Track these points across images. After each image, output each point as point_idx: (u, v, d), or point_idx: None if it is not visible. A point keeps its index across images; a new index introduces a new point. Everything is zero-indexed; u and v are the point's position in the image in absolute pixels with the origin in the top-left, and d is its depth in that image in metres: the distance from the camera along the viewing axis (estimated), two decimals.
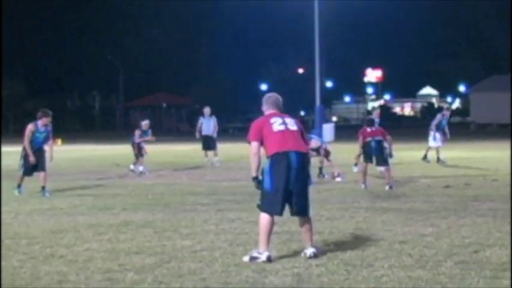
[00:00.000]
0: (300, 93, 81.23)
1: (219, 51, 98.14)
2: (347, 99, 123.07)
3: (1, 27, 72.70)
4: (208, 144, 23.92)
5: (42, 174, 14.79)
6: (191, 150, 30.69)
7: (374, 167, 16.16)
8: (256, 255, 7.76)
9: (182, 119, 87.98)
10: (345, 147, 27.28)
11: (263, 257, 7.70)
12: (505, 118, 66.41)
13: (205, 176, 19.37)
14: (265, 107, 8.38)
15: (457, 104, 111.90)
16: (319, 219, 10.15)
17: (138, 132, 20.89)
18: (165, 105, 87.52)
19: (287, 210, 8.01)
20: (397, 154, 18.22)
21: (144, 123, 21.24)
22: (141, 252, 8.31)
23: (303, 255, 7.91)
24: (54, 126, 15.45)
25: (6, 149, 29.08)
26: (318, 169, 17.71)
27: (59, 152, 21.71)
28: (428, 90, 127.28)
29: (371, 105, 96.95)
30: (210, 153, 23.84)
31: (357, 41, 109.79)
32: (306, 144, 8.27)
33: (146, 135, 21.06)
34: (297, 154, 7.93)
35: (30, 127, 14.77)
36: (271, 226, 7.91)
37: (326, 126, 41.11)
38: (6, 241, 9.15)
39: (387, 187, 14.96)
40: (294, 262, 7.65)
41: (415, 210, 11.58)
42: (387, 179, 15.25)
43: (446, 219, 10.53)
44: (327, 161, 17.94)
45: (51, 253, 8.40)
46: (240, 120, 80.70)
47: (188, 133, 52.07)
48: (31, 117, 16.13)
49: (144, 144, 20.82)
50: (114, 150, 34.93)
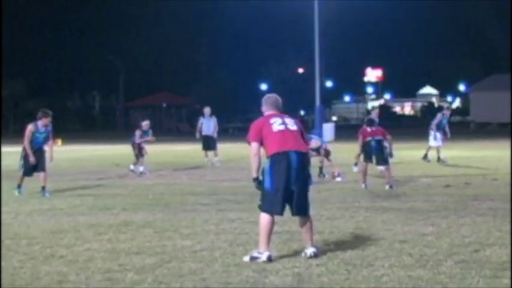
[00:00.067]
0: (300, 93, 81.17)
1: (219, 51, 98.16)
2: (347, 98, 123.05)
3: (1, 27, 72.70)
4: (209, 144, 23.90)
5: (42, 174, 14.78)
6: (191, 150, 30.69)
7: (374, 167, 16.16)
8: (256, 255, 7.76)
9: (182, 119, 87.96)
10: (344, 147, 27.29)
11: (263, 257, 7.70)
12: (505, 117, 66.45)
13: (206, 176, 19.37)
14: (265, 107, 8.38)
15: (457, 103, 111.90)
16: (319, 219, 10.15)
17: (138, 133, 20.88)
18: (165, 105, 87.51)
19: (287, 210, 8.01)
20: (397, 153, 18.22)
21: (145, 124, 21.23)
22: (142, 252, 8.31)
23: (303, 254, 7.91)
24: (54, 126, 15.44)
25: (6, 149, 29.08)
26: (318, 169, 17.71)
27: (59, 152, 21.72)
28: (428, 89, 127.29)
29: (371, 105, 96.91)
30: (210, 153, 23.82)
31: (356, 41, 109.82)
32: (306, 144, 8.27)
33: (147, 135, 21.05)
34: (297, 154, 7.93)
35: (30, 127, 14.76)
36: (272, 226, 7.91)
37: (326, 126, 41.15)
38: (6, 241, 9.15)
39: (387, 186, 14.96)
40: (294, 262, 7.65)
41: (415, 210, 11.58)
42: (387, 178, 15.25)
43: (446, 218, 10.54)
44: (327, 161, 17.95)
45: (51, 253, 8.40)
46: (240, 120, 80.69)
47: (188, 133, 52.07)
48: (31, 117, 16.13)
49: (144, 144, 20.82)
50: (114, 150, 34.93)
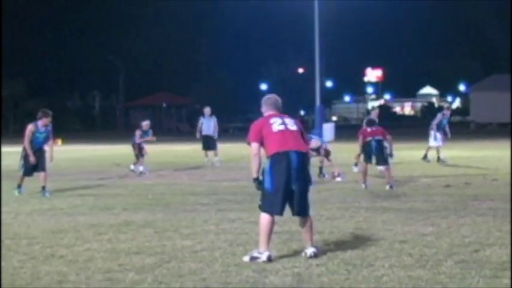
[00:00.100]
0: (300, 93, 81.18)
1: (219, 51, 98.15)
2: (347, 98, 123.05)
3: (1, 27, 72.70)
4: (209, 144, 23.90)
5: (42, 174, 14.79)
6: (191, 150, 30.69)
7: (374, 167, 16.16)
8: (256, 255, 7.76)
9: (182, 119, 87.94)
10: (345, 147, 27.29)
11: (263, 257, 7.70)
12: (505, 117, 66.45)
13: (206, 176, 19.37)
14: (265, 108, 8.38)
15: (457, 103, 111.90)
16: (319, 219, 10.15)
17: (138, 133, 20.89)
18: (165, 105, 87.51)
19: (287, 210, 8.01)
20: (397, 154, 18.22)
21: (145, 124, 21.23)
22: (142, 252, 8.32)
23: (303, 254, 7.91)
24: (54, 126, 15.44)
25: (6, 149, 29.08)
26: (318, 169, 17.71)
27: (59, 152, 21.70)
28: (428, 89, 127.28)
29: (371, 105, 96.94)
30: (210, 153, 23.82)
31: (357, 41, 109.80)
32: (305, 144, 8.28)
33: (147, 135, 21.05)
34: (297, 154, 7.93)
35: (30, 127, 14.77)
36: (272, 226, 7.91)
37: (326, 126, 41.17)
38: (6, 241, 9.15)
39: (387, 187, 14.96)
40: (294, 262, 7.65)
41: (415, 210, 11.58)
42: (387, 178, 15.24)
43: (446, 218, 10.54)
44: (327, 161, 17.96)
45: (51, 253, 8.40)
46: (240, 120, 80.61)
47: (188, 133, 52.08)
48: (31, 117, 16.13)
49: (144, 144, 20.83)
50: (114, 150, 34.93)
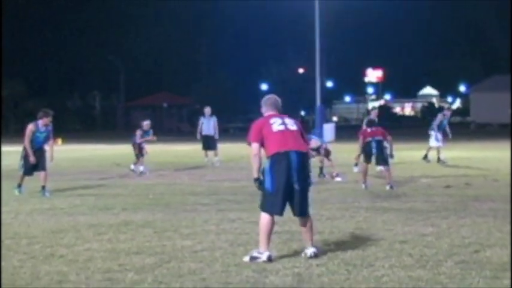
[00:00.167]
0: (300, 93, 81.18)
1: (219, 51, 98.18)
2: (347, 99, 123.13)
3: (1, 27, 72.70)
4: (209, 144, 23.89)
5: (42, 174, 14.79)
6: (192, 150, 30.68)
7: (374, 167, 16.15)
8: (256, 255, 7.76)
9: (183, 119, 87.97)
10: (345, 147, 27.29)
11: (263, 257, 7.70)
12: (505, 118, 66.47)
13: (206, 176, 19.36)
14: (264, 108, 8.38)
15: (457, 104, 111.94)
16: (319, 219, 10.15)
17: (139, 132, 20.89)
18: (165, 105, 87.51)
19: (288, 210, 8.01)
20: (397, 154, 18.21)
21: (146, 124, 21.23)
22: (141, 252, 8.31)
23: (303, 255, 7.90)
24: (55, 126, 15.44)
25: (6, 148, 29.09)
26: (318, 169, 17.71)
27: (59, 151, 21.68)
28: (428, 90, 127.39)
29: (371, 105, 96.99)
30: (210, 153, 23.81)
31: (357, 41, 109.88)
32: (305, 144, 8.28)
33: (147, 135, 21.05)
34: (297, 154, 7.93)
35: (30, 127, 14.77)
36: (272, 226, 7.90)
37: (326, 126, 41.18)
38: (6, 241, 9.15)
39: (388, 187, 14.96)
40: (294, 262, 7.64)
41: (415, 210, 11.58)
42: (387, 178, 15.24)
43: (446, 219, 10.53)
44: (328, 161, 17.97)
45: (51, 253, 8.40)
46: (241, 120, 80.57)
47: (189, 133, 52.05)
48: (32, 117, 16.13)
49: (144, 144, 20.83)
50: (114, 150, 34.93)
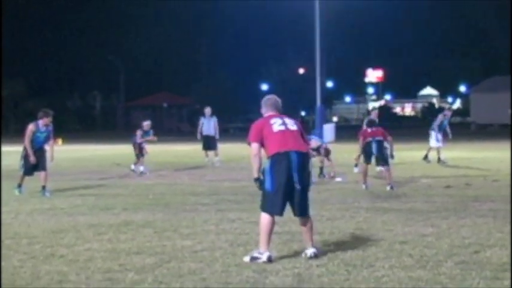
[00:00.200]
0: (300, 94, 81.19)
1: (219, 51, 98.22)
2: (348, 99, 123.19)
3: (1, 27, 72.70)
4: (209, 144, 23.89)
5: (42, 174, 14.79)
6: (192, 150, 30.68)
7: (374, 167, 16.15)
8: (256, 255, 7.76)
9: (183, 119, 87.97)
10: (345, 148, 27.30)
11: (264, 257, 7.69)
12: (506, 118, 66.45)
13: (206, 176, 19.36)
14: (265, 109, 8.38)
15: (457, 104, 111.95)
16: (319, 220, 10.15)
17: (139, 133, 20.90)
18: (166, 105, 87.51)
19: (288, 211, 8.01)
20: (397, 154, 18.21)
21: (146, 124, 21.24)
22: (142, 252, 8.31)
23: (303, 255, 7.90)
24: (55, 126, 15.45)
25: (6, 148, 29.09)
26: (318, 169, 17.72)
27: (59, 151, 21.68)
28: (429, 90, 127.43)
29: (371, 106, 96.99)
30: (210, 153, 23.81)
31: (357, 41, 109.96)
32: (306, 144, 8.28)
33: (148, 135, 21.06)
34: (298, 154, 7.93)
35: (31, 127, 14.78)
36: (272, 226, 7.90)
37: (327, 126, 41.22)
38: (6, 241, 9.15)
39: (388, 187, 14.95)
40: (294, 262, 7.64)
41: (415, 211, 11.57)
42: (388, 179, 15.23)
43: (446, 219, 10.53)
44: (327, 161, 17.99)
45: (51, 253, 8.40)
46: (241, 121, 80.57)
47: (189, 133, 52.07)
48: (32, 117, 16.13)
49: (145, 144, 20.83)
50: (114, 150, 34.93)
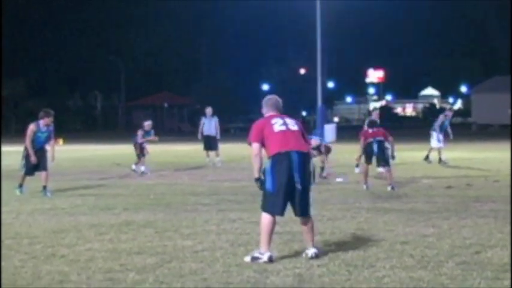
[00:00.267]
0: (301, 94, 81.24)
1: (220, 51, 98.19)
2: (349, 99, 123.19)
3: (1, 27, 72.70)
4: (210, 144, 23.86)
5: (43, 173, 14.79)
6: (192, 150, 30.68)
7: (374, 168, 16.15)
8: (257, 255, 7.76)
9: (184, 119, 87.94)
10: (346, 148, 27.30)
11: (264, 257, 7.69)
12: (507, 119, 66.40)
13: (207, 176, 19.36)
14: (265, 109, 8.38)
15: (458, 104, 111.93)
16: (320, 220, 10.15)
17: (140, 133, 20.90)
18: (166, 105, 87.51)
19: (289, 210, 8.00)
20: (398, 154, 18.20)
21: (147, 124, 21.24)
22: (143, 252, 8.31)
23: (304, 255, 7.90)
24: (56, 126, 15.46)
25: (7, 148, 29.11)
26: (319, 169, 17.70)
27: (60, 151, 21.72)
28: (430, 91, 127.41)
29: (372, 106, 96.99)
30: (211, 153, 23.79)
31: (358, 42, 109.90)
32: (307, 144, 8.28)
33: (149, 135, 21.07)
34: (299, 154, 7.92)
35: (31, 127, 14.79)
36: (273, 226, 7.90)
37: (328, 126, 41.26)
38: (7, 241, 9.15)
39: (389, 188, 14.95)
40: (295, 262, 7.64)
41: (416, 211, 11.57)
42: (389, 179, 15.23)
43: (447, 219, 10.53)
44: (326, 159, 17.97)
45: (52, 253, 8.40)
46: (242, 121, 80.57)
47: (190, 133, 52.09)
48: (33, 117, 16.14)
49: (146, 144, 20.84)
50: (115, 150, 34.92)
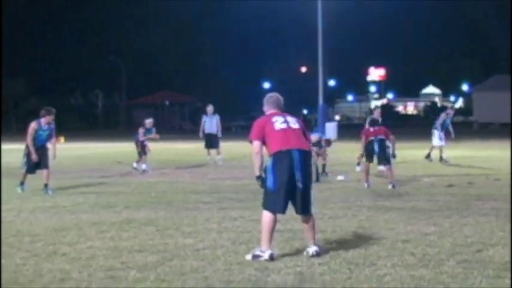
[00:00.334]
0: (302, 92, 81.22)
1: (221, 49, 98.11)
2: (350, 98, 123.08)
3: (1, 27, 72.69)
4: (211, 142, 23.86)
5: (45, 172, 14.80)
6: (193, 148, 30.69)
7: (375, 166, 16.15)
8: (258, 253, 7.76)
9: (185, 117, 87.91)
10: (347, 146, 27.31)
11: (266, 256, 7.69)
12: (508, 117, 66.37)
13: (208, 174, 19.36)
14: (267, 107, 8.39)
15: (460, 103, 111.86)
16: (321, 218, 10.16)
17: (141, 130, 20.90)
18: (168, 103, 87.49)
19: (290, 208, 8.00)
20: (400, 153, 18.19)
21: (148, 122, 21.25)
22: (144, 250, 8.32)
23: (305, 253, 7.90)
24: (57, 124, 15.47)
25: (9, 146, 29.13)
26: (322, 166, 17.67)
27: (61, 150, 21.71)
28: (431, 89, 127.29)
29: (374, 104, 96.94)
30: (212, 151, 23.79)
31: (359, 40, 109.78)
32: (308, 142, 8.28)
33: (150, 133, 21.07)
34: (300, 152, 7.92)
35: (33, 125, 14.80)
36: (274, 224, 7.90)
37: (329, 125, 41.16)
38: (9, 239, 9.16)
39: (390, 186, 14.95)
40: (296, 260, 7.64)
41: (417, 209, 11.57)
42: (390, 178, 15.23)
43: (449, 218, 10.53)
44: (326, 154, 17.90)
45: (53, 251, 8.41)
46: (243, 119, 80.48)
47: (191, 131, 52.09)
48: (34, 115, 16.15)
49: (147, 142, 20.84)
50: (116, 148, 34.93)
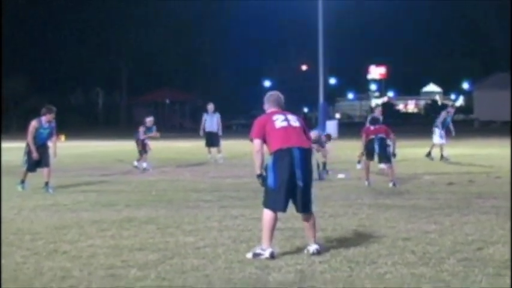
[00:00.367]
0: (303, 90, 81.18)
1: (221, 48, 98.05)
2: (350, 96, 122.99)
3: (2, 25, 72.68)
4: (212, 140, 23.86)
5: (45, 170, 14.81)
6: (194, 146, 30.71)
7: (376, 164, 16.15)
8: (259, 251, 7.76)
9: (186, 115, 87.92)
10: (348, 144, 27.30)
11: (266, 254, 7.70)
12: (509, 115, 66.40)
13: (209, 172, 19.37)
14: (267, 105, 8.39)
15: (460, 101, 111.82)
16: (322, 216, 10.16)
17: (142, 129, 20.90)
18: (168, 101, 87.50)
19: (290, 207, 8.01)
20: (400, 151, 18.20)
21: (149, 120, 21.25)
22: (144, 249, 8.32)
23: (306, 252, 7.90)
24: (58, 122, 15.47)
25: (9, 145, 29.14)
26: (322, 165, 17.66)
27: (62, 148, 21.72)
28: (431, 87, 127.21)
29: (374, 103, 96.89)
30: (213, 149, 23.78)
31: (360, 38, 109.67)
32: (308, 140, 8.28)
33: (150, 131, 21.07)
34: (300, 150, 7.93)
35: (33, 123, 14.81)
36: (275, 222, 7.90)
37: (329, 123, 41.29)
38: (9, 237, 9.16)
39: (390, 184, 14.95)
40: (297, 259, 7.65)
41: (418, 207, 11.57)
42: (390, 176, 15.23)
43: (449, 216, 10.53)
44: (324, 151, 17.85)
45: (54, 249, 8.41)
46: (244, 117, 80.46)
47: (191, 129, 52.09)
48: (35, 114, 16.15)
49: (148, 140, 20.85)
50: (117, 146, 34.94)
